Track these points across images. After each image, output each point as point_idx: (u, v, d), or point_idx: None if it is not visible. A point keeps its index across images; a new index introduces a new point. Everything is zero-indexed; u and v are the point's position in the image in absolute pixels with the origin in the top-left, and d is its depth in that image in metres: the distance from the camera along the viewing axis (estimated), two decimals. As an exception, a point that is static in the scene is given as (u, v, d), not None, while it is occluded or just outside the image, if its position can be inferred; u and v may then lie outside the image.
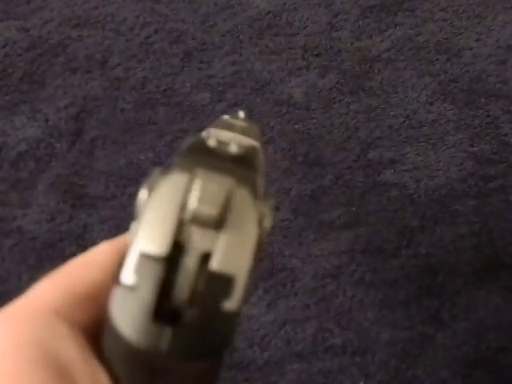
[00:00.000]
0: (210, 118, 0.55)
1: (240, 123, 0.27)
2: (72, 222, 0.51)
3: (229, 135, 0.23)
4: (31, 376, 0.19)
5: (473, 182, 0.53)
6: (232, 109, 0.56)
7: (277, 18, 0.60)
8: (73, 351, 0.20)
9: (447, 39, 0.59)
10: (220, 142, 0.21)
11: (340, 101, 0.56)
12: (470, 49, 0.58)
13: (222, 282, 0.18)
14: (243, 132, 0.25)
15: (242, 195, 0.19)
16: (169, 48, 0.59)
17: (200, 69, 0.58)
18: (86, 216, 0.51)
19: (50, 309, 0.21)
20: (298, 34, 0.59)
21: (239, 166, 0.20)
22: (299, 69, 0.58)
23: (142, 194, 0.20)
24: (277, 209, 0.52)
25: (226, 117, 0.28)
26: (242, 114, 0.28)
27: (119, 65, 0.58)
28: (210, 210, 0.19)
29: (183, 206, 0.19)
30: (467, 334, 0.48)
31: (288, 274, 0.50)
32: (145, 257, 0.18)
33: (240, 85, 0.57)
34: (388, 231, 0.51)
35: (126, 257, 0.19)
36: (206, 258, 0.19)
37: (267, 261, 0.50)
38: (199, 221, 0.19)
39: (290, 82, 0.57)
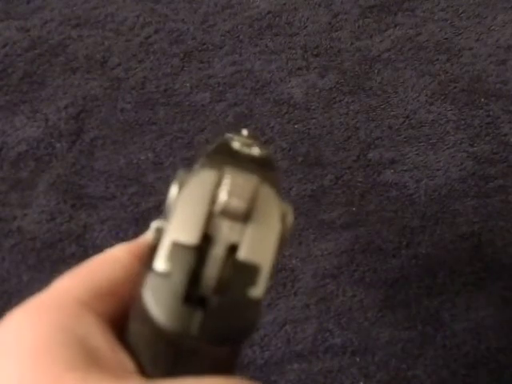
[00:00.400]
0: (209, 118, 0.55)
1: (244, 141, 0.28)
2: (72, 221, 0.51)
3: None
4: (63, 356, 0.20)
5: (473, 182, 0.53)
6: (232, 109, 0.56)
7: (277, 18, 0.60)
8: (100, 338, 0.21)
9: (447, 39, 0.59)
10: (243, 145, 0.23)
11: (340, 101, 0.56)
12: (470, 49, 0.58)
13: (249, 271, 0.20)
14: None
15: (267, 192, 0.21)
16: (169, 48, 0.59)
17: (200, 69, 0.58)
18: (86, 216, 0.51)
19: (77, 300, 0.22)
20: (298, 34, 0.59)
21: (262, 166, 0.22)
22: (299, 69, 0.58)
23: (173, 189, 0.21)
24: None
25: (229, 135, 0.29)
26: (245, 131, 0.29)
27: (119, 65, 0.58)
28: (239, 203, 0.20)
29: (213, 200, 0.20)
30: (467, 333, 0.48)
31: (288, 274, 0.50)
32: (177, 246, 0.20)
33: (240, 85, 0.57)
34: (388, 231, 0.51)
35: (157, 247, 0.20)
36: (233, 249, 0.20)
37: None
38: (228, 213, 0.20)
39: (289, 82, 0.57)
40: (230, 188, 0.20)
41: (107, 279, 0.23)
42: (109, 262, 0.24)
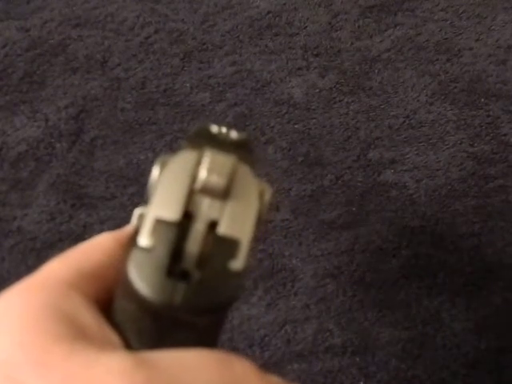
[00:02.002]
0: (209, 118, 0.55)
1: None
2: (72, 221, 0.51)
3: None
4: (50, 330, 0.21)
5: (473, 182, 0.53)
6: (232, 109, 0.56)
7: (277, 18, 0.60)
8: (87, 315, 0.22)
9: (447, 39, 0.59)
10: (221, 129, 0.24)
11: (340, 101, 0.56)
12: (470, 49, 0.58)
13: (229, 245, 0.21)
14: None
15: (245, 171, 0.22)
16: (169, 48, 0.59)
17: (200, 69, 0.58)
18: (86, 216, 0.51)
19: (65, 281, 0.23)
20: (298, 34, 0.59)
21: (239, 148, 0.23)
22: (299, 69, 0.58)
23: (155, 170, 0.22)
24: (277, 209, 0.52)
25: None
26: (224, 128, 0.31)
27: (119, 65, 0.58)
28: (218, 180, 0.21)
29: (193, 178, 0.21)
30: (467, 333, 0.48)
31: (288, 274, 0.50)
32: (159, 222, 0.21)
33: (240, 85, 0.57)
34: (388, 231, 0.51)
35: (141, 225, 0.21)
36: (213, 225, 0.21)
37: (267, 261, 0.50)
38: (208, 190, 0.21)
39: (290, 82, 0.57)
40: (209, 166, 0.21)
41: (93, 263, 0.24)
42: (95, 248, 0.25)
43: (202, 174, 0.21)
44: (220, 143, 0.23)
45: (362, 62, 0.58)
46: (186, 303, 0.20)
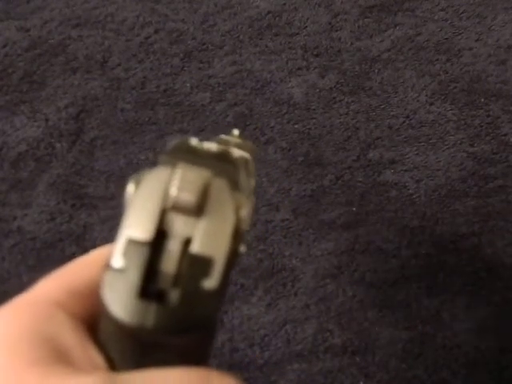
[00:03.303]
0: (209, 118, 0.55)
1: (234, 139, 0.29)
2: (72, 221, 0.51)
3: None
4: (28, 354, 0.20)
5: (473, 182, 0.53)
6: (232, 109, 0.56)
7: (277, 18, 0.60)
8: (71, 337, 0.22)
9: (447, 39, 0.59)
10: (201, 142, 0.23)
11: (340, 101, 0.56)
12: (470, 49, 0.58)
13: (202, 264, 0.20)
14: (237, 146, 0.27)
15: (219, 185, 0.21)
16: (169, 48, 0.59)
17: (200, 69, 0.58)
18: (86, 216, 0.51)
19: (52, 300, 0.23)
20: (298, 34, 0.59)
21: (218, 161, 0.22)
22: (299, 69, 0.58)
23: (130, 187, 0.22)
24: (277, 209, 0.52)
25: (222, 135, 0.30)
26: (236, 131, 0.30)
27: (119, 65, 0.58)
28: (189, 197, 0.20)
29: (165, 196, 0.21)
30: (467, 334, 0.48)
31: (288, 274, 0.50)
32: (131, 242, 0.20)
33: (240, 85, 0.57)
34: (388, 231, 0.51)
35: (114, 244, 0.21)
36: (187, 243, 0.21)
37: (267, 261, 0.50)
38: (179, 207, 0.21)
39: (290, 82, 0.57)
40: (180, 183, 0.21)
41: (85, 281, 0.24)
42: (90, 265, 0.25)
43: (173, 191, 0.21)
44: (197, 157, 0.22)
45: (362, 62, 0.58)
46: (159, 325, 0.20)
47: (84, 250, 0.50)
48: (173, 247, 0.21)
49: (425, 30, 0.59)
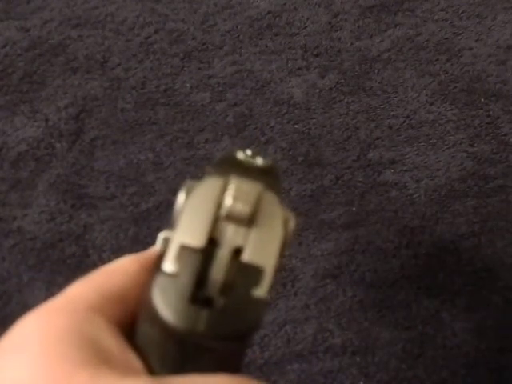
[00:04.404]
0: (209, 118, 0.55)
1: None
2: (72, 221, 0.51)
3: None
4: (74, 355, 0.20)
5: (473, 182, 0.53)
6: (232, 109, 0.56)
7: (277, 18, 0.60)
8: (110, 340, 0.22)
9: (447, 39, 0.59)
10: (247, 156, 0.25)
11: (340, 101, 0.56)
12: (470, 49, 0.58)
13: (252, 273, 0.21)
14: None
15: (270, 198, 0.23)
16: (169, 48, 0.59)
17: (200, 69, 0.58)
18: (86, 216, 0.51)
19: (88, 304, 0.23)
20: (298, 34, 0.59)
21: (265, 175, 0.23)
22: (299, 69, 0.58)
23: (181, 196, 0.22)
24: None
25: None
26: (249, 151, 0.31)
27: (119, 65, 0.58)
28: (243, 207, 0.22)
29: (219, 205, 0.22)
30: (467, 333, 0.48)
31: (288, 274, 0.50)
32: (185, 248, 0.21)
33: (240, 85, 0.57)
34: (388, 231, 0.51)
35: (166, 250, 0.21)
36: (237, 251, 0.22)
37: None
38: (233, 217, 0.22)
39: (290, 81, 0.57)
40: (235, 193, 0.21)
41: (117, 286, 0.24)
42: (118, 271, 0.25)
43: (228, 201, 0.21)
44: (246, 170, 0.23)
45: (362, 62, 0.58)
46: (209, 330, 0.20)
47: (84, 249, 0.50)
48: (224, 255, 0.21)
49: (425, 30, 0.59)
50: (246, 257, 0.21)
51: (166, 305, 0.20)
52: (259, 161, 0.24)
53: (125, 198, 0.52)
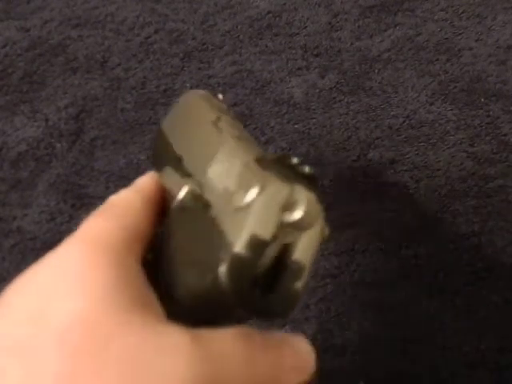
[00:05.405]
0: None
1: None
2: (72, 222, 0.51)
3: None
4: (129, 292, 0.22)
5: (473, 182, 0.53)
6: (232, 109, 0.56)
7: (277, 18, 0.60)
8: (143, 285, 0.24)
9: (447, 39, 0.59)
10: (300, 163, 0.28)
11: (340, 101, 0.56)
12: (470, 49, 0.58)
13: (297, 268, 0.25)
14: None
15: (319, 210, 0.27)
16: (169, 48, 0.59)
17: (200, 69, 0.58)
18: (86, 216, 0.51)
19: (123, 245, 0.24)
20: (298, 34, 0.59)
21: (314, 185, 0.27)
22: (299, 69, 0.58)
23: (254, 190, 0.25)
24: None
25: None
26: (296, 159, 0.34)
27: (119, 65, 0.58)
28: (309, 222, 0.25)
29: (285, 208, 0.25)
30: (467, 333, 0.48)
31: (288, 274, 0.50)
32: (255, 237, 0.24)
33: (240, 85, 0.57)
34: (388, 231, 0.51)
35: (239, 232, 0.25)
36: (285, 247, 0.25)
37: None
38: (297, 226, 0.25)
39: (290, 81, 0.57)
40: (306, 209, 0.25)
41: (134, 224, 0.26)
42: (130, 209, 0.27)
43: (297, 214, 0.25)
44: (300, 176, 0.27)
45: (362, 62, 0.58)
46: (256, 308, 0.24)
47: (84, 249, 0.50)
48: (275, 249, 0.25)
49: (425, 30, 0.59)
50: (295, 255, 0.25)
51: (231, 280, 0.23)
52: (307, 169, 0.28)
53: (125, 198, 0.52)
